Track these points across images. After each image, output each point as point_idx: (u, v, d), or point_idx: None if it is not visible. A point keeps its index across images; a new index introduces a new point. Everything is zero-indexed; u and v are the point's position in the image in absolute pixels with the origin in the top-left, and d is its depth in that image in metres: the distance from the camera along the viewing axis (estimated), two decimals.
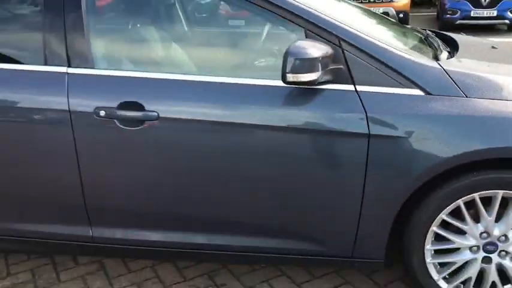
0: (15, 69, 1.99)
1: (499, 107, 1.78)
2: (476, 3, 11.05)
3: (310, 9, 1.85)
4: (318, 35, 1.81)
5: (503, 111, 1.77)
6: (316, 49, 1.70)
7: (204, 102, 1.88)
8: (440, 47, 2.24)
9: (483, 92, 1.81)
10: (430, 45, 2.25)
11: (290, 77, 1.69)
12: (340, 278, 2.31)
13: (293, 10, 1.83)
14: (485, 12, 10.93)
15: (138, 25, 2.43)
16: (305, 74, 1.69)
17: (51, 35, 1.94)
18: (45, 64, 1.95)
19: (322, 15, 1.84)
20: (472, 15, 10.99)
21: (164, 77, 1.93)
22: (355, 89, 1.81)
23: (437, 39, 2.41)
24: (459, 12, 11.08)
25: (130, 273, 2.42)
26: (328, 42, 1.80)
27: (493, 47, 2.52)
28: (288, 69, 1.67)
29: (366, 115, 1.78)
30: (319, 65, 1.71)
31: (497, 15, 10.88)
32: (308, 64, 1.68)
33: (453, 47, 2.29)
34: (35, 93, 1.94)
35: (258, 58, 2.34)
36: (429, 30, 2.69)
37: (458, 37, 2.57)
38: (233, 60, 2.28)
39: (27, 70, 1.98)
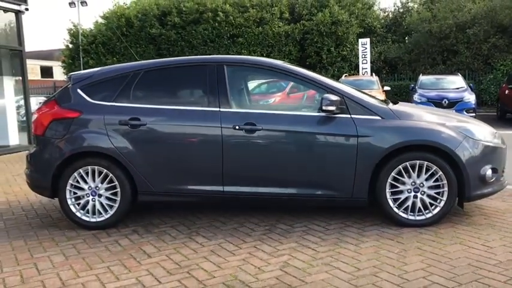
0: (195, 110, 4.31)
1: (413, 123, 4.11)
2: (438, 104, 13.92)
3: (330, 83, 4.28)
4: (333, 93, 4.17)
5: (415, 125, 4.10)
6: (334, 97, 4.06)
7: (281, 122, 4.19)
8: (389, 102, 4.62)
9: (407, 117, 4.16)
10: (385, 102, 4.63)
11: (324, 108, 4.02)
12: (345, 219, 4.43)
13: (325, 85, 4.25)
14: None
15: (244, 96, 4.84)
16: (330, 107, 4.02)
17: (211, 95, 4.29)
18: (208, 107, 4.28)
19: (336, 86, 4.26)
20: None
21: (264, 111, 4.28)
22: (351, 116, 4.13)
23: (388, 100, 4.81)
24: None
25: (233, 220, 4.51)
26: (338, 96, 4.15)
27: (412, 104, 4.93)
28: (323, 104, 4.01)
29: (356, 127, 4.08)
30: (335, 103, 4.04)
31: None
32: (331, 102, 4.02)
33: (394, 103, 4.66)
34: (205, 119, 4.24)
35: (304, 103, 4.73)
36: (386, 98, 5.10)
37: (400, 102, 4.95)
38: (291, 105, 4.65)
39: (201, 110, 4.29)
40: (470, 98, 14.20)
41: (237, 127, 4.17)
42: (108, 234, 4.25)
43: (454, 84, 15.50)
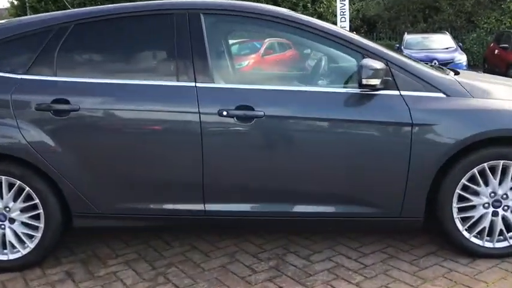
0: (157, 85, 2.73)
1: (497, 104, 2.69)
2: None
3: (366, 43, 2.78)
4: (375, 58, 2.67)
5: (500, 107, 2.67)
6: (378, 63, 2.56)
7: (294, 105, 2.69)
8: (446, 71, 3.15)
9: (483, 94, 2.73)
10: (439, 70, 3.16)
11: (364, 82, 2.53)
12: (384, 243, 3.03)
13: (359, 45, 2.75)
14: None
15: (226, 61, 3.29)
16: (373, 80, 2.53)
17: (182, 61, 2.72)
18: (178, 81, 2.71)
19: (377, 47, 2.77)
20: None
21: (266, 88, 2.76)
22: (400, 93, 2.66)
23: (442, 67, 3.35)
24: None
25: (220, 249, 3.05)
26: (382, 61, 2.65)
27: (478, 73, 3.49)
28: (363, 75, 2.51)
29: (409, 110, 2.61)
30: (380, 74, 2.55)
31: None
32: (375, 72, 2.52)
33: (455, 73, 3.19)
34: (172, 100, 2.70)
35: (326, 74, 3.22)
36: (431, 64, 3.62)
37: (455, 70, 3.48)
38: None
39: (166, 85, 2.73)
40: (462, 58, 13.02)
41: (224, 113, 2.63)
42: (26, 281, 2.73)
43: (442, 43, 14.25)
